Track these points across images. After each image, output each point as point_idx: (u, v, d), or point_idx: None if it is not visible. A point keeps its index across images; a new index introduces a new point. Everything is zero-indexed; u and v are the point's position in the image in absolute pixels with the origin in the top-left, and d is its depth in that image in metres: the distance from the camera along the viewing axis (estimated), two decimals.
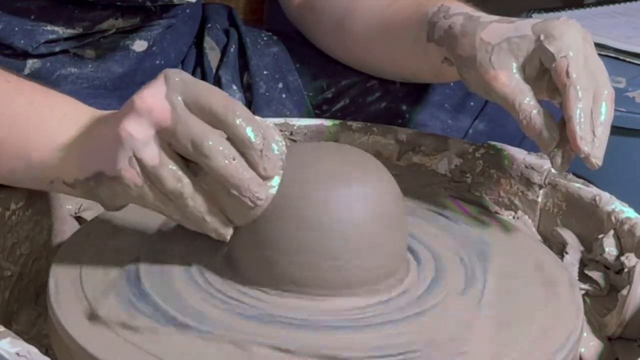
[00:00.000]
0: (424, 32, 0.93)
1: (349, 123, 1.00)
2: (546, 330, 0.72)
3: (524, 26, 0.85)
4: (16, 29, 1.01)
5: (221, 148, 0.69)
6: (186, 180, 0.70)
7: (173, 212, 0.72)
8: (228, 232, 0.73)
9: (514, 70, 0.83)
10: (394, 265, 0.75)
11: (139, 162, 0.70)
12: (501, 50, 0.84)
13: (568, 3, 2.14)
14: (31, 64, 1.04)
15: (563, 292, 0.77)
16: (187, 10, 1.14)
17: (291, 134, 0.99)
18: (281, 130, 0.99)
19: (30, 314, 0.82)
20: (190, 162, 0.71)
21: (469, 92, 1.06)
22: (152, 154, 0.70)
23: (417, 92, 1.08)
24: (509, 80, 0.83)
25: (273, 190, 0.71)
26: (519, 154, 0.94)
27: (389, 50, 1.02)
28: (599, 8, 1.95)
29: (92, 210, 0.89)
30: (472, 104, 1.08)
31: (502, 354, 0.68)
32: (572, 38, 0.82)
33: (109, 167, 0.71)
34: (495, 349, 0.69)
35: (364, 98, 1.10)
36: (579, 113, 0.79)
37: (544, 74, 0.84)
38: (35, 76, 1.02)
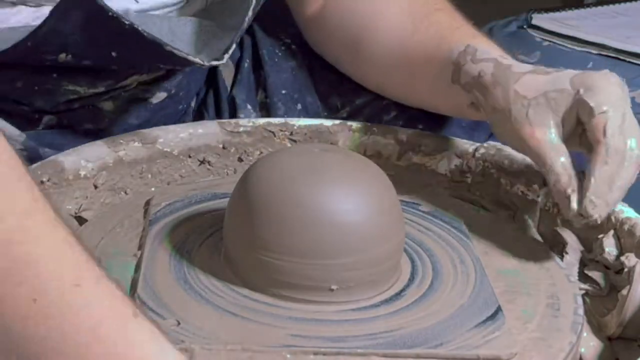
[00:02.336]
0: (448, 72, 0.90)
1: (349, 123, 1.00)
2: (546, 330, 0.72)
3: (562, 78, 0.82)
4: (36, 87, 0.96)
5: None
6: None
7: None
8: None
9: (551, 127, 0.81)
10: (390, 264, 0.75)
11: None
12: (538, 106, 0.81)
13: (568, 3, 2.14)
14: (47, 120, 0.99)
15: (562, 292, 0.78)
16: None
17: (291, 134, 0.99)
18: (281, 131, 0.99)
19: None
20: None
21: None
22: None
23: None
24: (545, 138, 0.80)
25: None
26: (519, 154, 0.94)
27: (409, 82, 0.99)
28: (599, 8, 1.95)
29: (92, 210, 0.89)
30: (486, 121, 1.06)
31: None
32: (612, 93, 0.81)
33: None
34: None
35: (380, 117, 1.06)
36: (598, 177, 0.77)
37: (578, 126, 0.82)
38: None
